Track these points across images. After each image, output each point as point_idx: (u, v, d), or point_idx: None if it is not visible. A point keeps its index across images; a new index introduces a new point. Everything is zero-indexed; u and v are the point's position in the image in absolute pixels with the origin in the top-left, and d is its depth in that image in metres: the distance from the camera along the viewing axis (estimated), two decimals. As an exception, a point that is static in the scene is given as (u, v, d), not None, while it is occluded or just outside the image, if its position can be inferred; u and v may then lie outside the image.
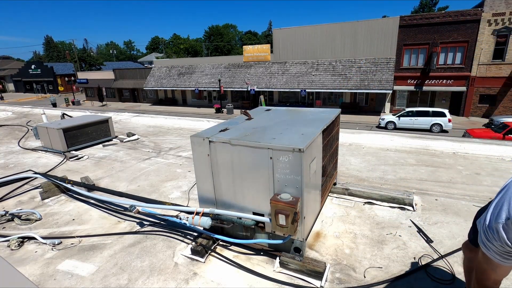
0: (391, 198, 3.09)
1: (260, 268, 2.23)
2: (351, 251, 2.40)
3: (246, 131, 2.40)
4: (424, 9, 52.33)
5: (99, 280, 2.19)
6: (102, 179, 4.24)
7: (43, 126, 5.71)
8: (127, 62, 70.30)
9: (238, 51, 62.41)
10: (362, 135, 6.07)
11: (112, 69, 39.72)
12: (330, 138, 2.85)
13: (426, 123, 18.70)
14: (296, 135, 2.21)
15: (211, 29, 73.95)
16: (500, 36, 20.27)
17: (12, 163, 5.15)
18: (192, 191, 3.72)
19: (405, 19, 22.29)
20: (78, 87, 44.89)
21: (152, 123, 8.53)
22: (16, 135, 7.43)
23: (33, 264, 2.41)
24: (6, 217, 3.15)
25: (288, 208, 1.92)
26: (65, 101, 36.09)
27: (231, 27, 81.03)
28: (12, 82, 59.57)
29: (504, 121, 16.24)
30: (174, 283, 2.13)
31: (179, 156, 5.23)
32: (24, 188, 4.01)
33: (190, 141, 2.36)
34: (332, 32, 24.67)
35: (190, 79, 31.23)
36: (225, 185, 2.35)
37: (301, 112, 3.18)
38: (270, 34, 45.51)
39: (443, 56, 21.98)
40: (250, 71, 28.31)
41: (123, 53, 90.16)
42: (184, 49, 72.21)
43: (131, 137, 6.54)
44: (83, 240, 2.73)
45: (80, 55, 62.24)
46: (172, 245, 2.59)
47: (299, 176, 1.99)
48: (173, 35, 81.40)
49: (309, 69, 25.75)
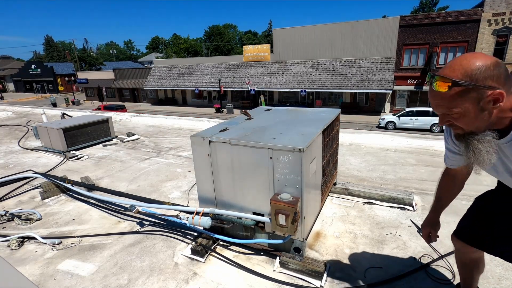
0: (391, 198, 3.10)
1: (260, 268, 2.23)
2: (351, 251, 2.40)
3: (246, 131, 2.40)
4: (424, 9, 52.35)
5: (99, 280, 2.19)
6: (102, 179, 4.24)
7: (43, 126, 5.71)
8: (127, 62, 70.30)
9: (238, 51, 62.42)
10: (362, 135, 6.07)
11: (112, 69, 39.75)
12: (330, 138, 2.85)
13: (426, 123, 18.69)
14: (296, 135, 2.21)
15: (211, 29, 73.95)
16: (500, 36, 20.28)
17: (12, 163, 5.15)
18: (192, 191, 3.72)
19: (405, 19, 22.30)
20: (78, 87, 44.96)
21: (152, 123, 8.54)
22: (16, 135, 7.43)
23: (33, 264, 2.41)
24: (6, 217, 3.15)
25: (288, 208, 1.92)
26: (65, 101, 36.11)
27: (231, 27, 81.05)
28: (12, 82, 59.62)
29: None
30: (174, 283, 2.13)
31: (179, 156, 5.23)
32: (24, 188, 4.01)
33: (190, 141, 2.36)
34: (332, 32, 24.67)
35: (190, 79, 31.24)
36: (225, 185, 2.35)
37: (301, 112, 3.18)
38: (270, 34, 45.51)
39: (443, 56, 21.99)
40: (250, 71, 28.32)
41: (123, 53, 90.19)
42: (184, 49, 72.23)
43: (131, 137, 6.54)
44: (83, 240, 2.73)
45: (80, 55, 62.30)
46: (172, 245, 2.59)
47: (299, 176, 1.99)
48: (173, 35, 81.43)
49: (309, 69, 25.75)
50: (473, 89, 0.95)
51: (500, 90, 0.94)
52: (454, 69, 0.98)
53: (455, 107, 1.00)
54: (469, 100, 0.97)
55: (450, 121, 1.07)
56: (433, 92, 1.04)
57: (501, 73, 0.95)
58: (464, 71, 0.96)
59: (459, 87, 0.96)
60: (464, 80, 0.95)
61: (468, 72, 0.96)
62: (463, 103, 0.98)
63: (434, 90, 1.02)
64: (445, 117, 1.07)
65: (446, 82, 0.98)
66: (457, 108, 1.00)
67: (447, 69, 1.01)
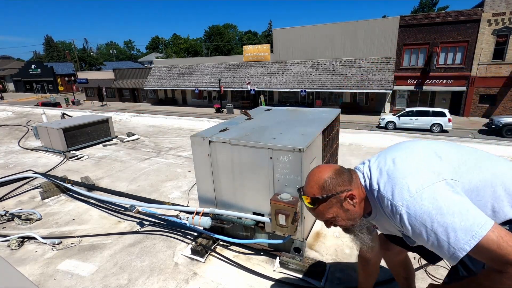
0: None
1: (260, 268, 2.23)
2: (351, 251, 2.40)
3: (246, 131, 2.40)
4: (424, 9, 52.32)
5: (99, 280, 2.19)
6: (102, 179, 4.24)
7: (43, 126, 5.71)
8: (127, 62, 70.27)
9: (238, 51, 62.39)
10: (362, 135, 6.07)
11: (112, 69, 39.71)
12: (330, 138, 2.85)
13: (426, 123, 18.68)
14: (296, 135, 2.21)
15: (211, 29, 73.92)
16: (500, 36, 20.26)
17: (12, 163, 5.15)
18: (192, 191, 3.72)
19: (405, 19, 22.28)
20: (78, 87, 44.92)
21: (152, 123, 8.54)
22: (16, 135, 7.43)
23: (33, 264, 2.41)
24: (6, 217, 3.15)
25: (288, 208, 1.92)
26: (65, 101, 36.08)
27: (231, 27, 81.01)
28: (12, 82, 59.57)
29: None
30: (174, 283, 2.13)
31: (179, 156, 5.23)
32: (24, 188, 4.01)
33: (190, 141, 2.36)
34: (332, 32, 24.65)
35: (190, 79, 31.22)
36: (225, 185, 2.34)
37: (301, 112, 3.18)
38: (270, 34, 45.50)
39: (443, 56, 21.96)
40: (250, 71, 28.30)
41: (123, 53, 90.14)
42: (184, 49, 72.21)
43: (131, 137, 6.54)
44: (83, 240, 2.73)
45: (80, 55, 62.26)
46: (172, 245, 2.59)
47: (299, 176, 1.99)
48: (173, 35, 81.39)
49: (309, 69, 25.74)
50: (331, 197, 1.12)
51: (350, 191, 1.14)
52: (311, 187, 1.16)
53: (328, 214, 1.16)
54: (334, 205, 1.14)
55: (332, 223, 1.22)
56: (307, 207, 1.21)
57: (345, 178, 1.15)
58: (318, 187, 1.14)
59: (321, 200, 1.14)
60: (323, 194, 1.13)
61: (321, 186, 1.13)
62: (331, 209, 1.15)
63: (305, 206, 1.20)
64: (327, 222, 1.23)
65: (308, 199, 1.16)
66: (329, 214, 1.16)
67: (307, 188, 1.19)
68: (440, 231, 0.92)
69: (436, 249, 0.96)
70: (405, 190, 1.01)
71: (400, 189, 1.02)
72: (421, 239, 0.99)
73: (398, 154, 1.15)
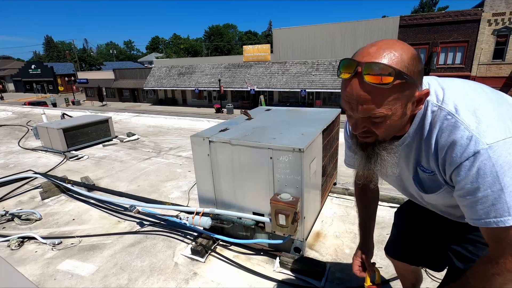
0: (391, 198, 3.09)
1: (260, 268, 2.23)
2: (351, 251, 2.40)
3: (246, 131, 2.40)
4: (424, 9, 52.35)
5: (99, 280, 2.19)
6: (102, 179, 4.24)
7: (43, 126, 5.71)
8: (127, 62, 70.27)
9: (238, 51, 62.42)
10: (362, 135, 6.06)
11: (112, 69, 39.72)
12: (330, 138, 2.85)
13: (426, 123, 18.69)
14: (296, 135, 2.21)
15: (211, 29, 73.97)
16: (500, 36, 20.27)
17: (12, 163, 5.15)
18: (192, 191, 3.72)
19: (405, 19, 22.30)
20: (78, 87, 44.91)
21: (152, 123, 8.53)
22: (16, 135, 7.43)
23: (33, 264, 2.41)
24: (6, 217, 3.15)
25: (288, 208, 1.92)
26: (65, 101, 36.10)
27: (231, 27, 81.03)
28: (12, 82, 59.59)
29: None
30: (174, 283, 2.13)
31: (179, 156, 5.23)
32: (24, 188, 4.01)
33: (190, 141, 2.36)
34: (332, 32, 24.67)
35: (190, 79, 31.22)
36: (225, 185, 2.35)
37: (301, 112, 3.18)
38: (270, 34, 45.50)
39: (443, 56, 21.98)
40: (250, 71, 28.31)
41: (123, 53, 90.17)
42: (184, 49, 72.26)
43: (131, 137, 6.54)
44: (83, 240, 2.73)
45: (80, 55, 62.30)
46: (172, 245, 2.59)
47: (299, 176, 1.99)
48: (173, 35, 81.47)
49: (309, 69, 25.75)
50: (409, 85, 0.75)
51: (427, 89, 0.79)
52: (390, 58, 0.73)
53: (385, 107, 0.75)
54: (402, 99, 0.76)
55: (366, 127, 0.84)
56: (357, 87, 0.75)
57: (422, 72, 0.78)
58: (401, 61, 0.73)
59: (401, 80, 0.72)
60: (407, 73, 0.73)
61: (405, 62, 0.73)
62: (395, 103, 0.75)
63: (365, 83, 0.73)
64: (364, 122, 0.82)
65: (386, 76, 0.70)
66: (386, 109, 0.76)
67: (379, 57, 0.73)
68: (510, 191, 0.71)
69: (480, 206, 0.75)
70: (500, 129, 0.74)
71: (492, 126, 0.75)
72: (470, 190, 0.76)
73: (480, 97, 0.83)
